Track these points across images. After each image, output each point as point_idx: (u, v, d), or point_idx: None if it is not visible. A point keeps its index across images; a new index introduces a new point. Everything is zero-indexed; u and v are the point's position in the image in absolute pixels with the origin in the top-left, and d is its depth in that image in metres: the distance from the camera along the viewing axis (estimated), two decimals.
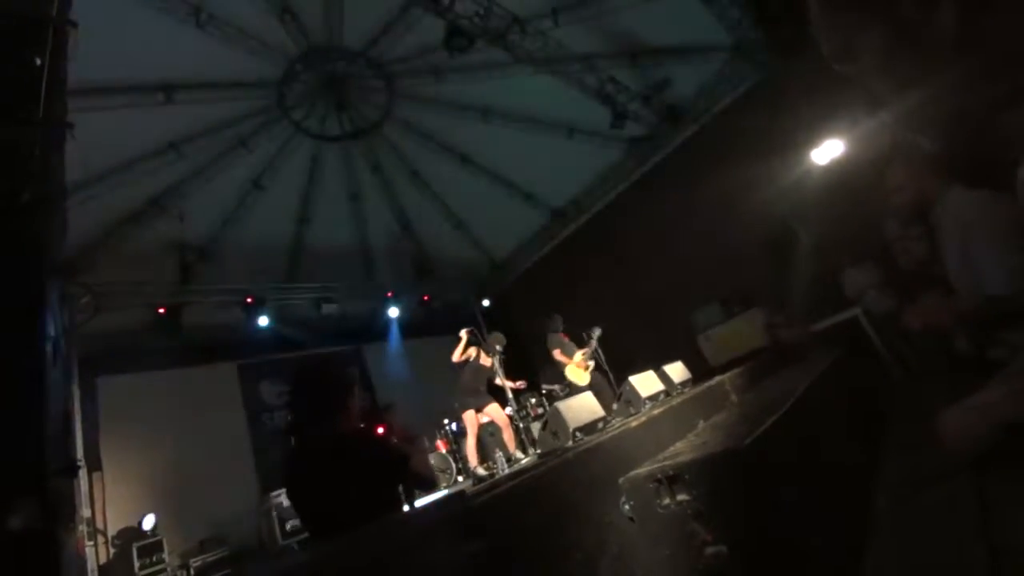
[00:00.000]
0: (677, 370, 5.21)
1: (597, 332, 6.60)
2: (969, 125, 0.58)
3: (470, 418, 5.66)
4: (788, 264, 6.81)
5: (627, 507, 1.92)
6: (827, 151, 6.26)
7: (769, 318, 6.62)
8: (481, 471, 5.52)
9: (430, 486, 2.26)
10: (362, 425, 2.31)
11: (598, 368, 6.63)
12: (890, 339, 5.64)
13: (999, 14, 0.52)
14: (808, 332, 6.11)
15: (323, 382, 2.14)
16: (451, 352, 5.93)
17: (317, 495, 1.92)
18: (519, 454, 5.71)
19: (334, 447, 2.00)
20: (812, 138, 6.25)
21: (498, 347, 5.93)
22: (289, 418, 2.15)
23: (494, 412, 5.77)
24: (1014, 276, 1.50)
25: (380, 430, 2.36)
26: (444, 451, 7.73)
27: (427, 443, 5.92)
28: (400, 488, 2.23)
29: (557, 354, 6.59)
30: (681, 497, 1.69)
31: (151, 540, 6.48)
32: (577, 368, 6.54)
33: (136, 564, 6.18)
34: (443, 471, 7.20)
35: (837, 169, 6.18)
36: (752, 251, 7.28)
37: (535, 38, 6.25)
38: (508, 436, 5.80)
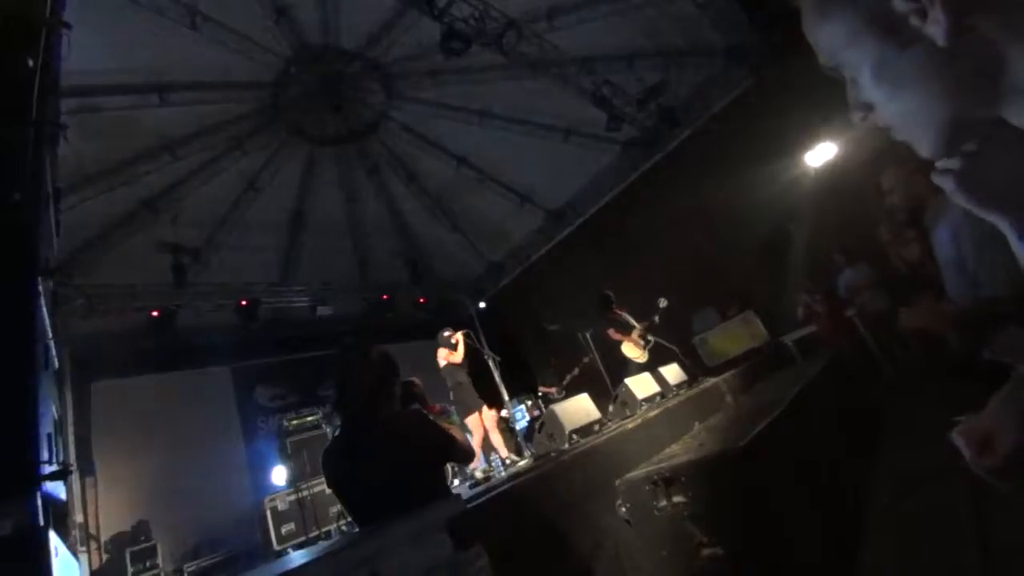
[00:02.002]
0: (673, 372, 5.22)
1: (663, 303, 6.25)
2: (959, 129, 0.58)
3: (475, 421, 5.61)
4: (783, 266, 6.85)
5: (623, 509, 1.92)
6: (821, 154, 6.30)
7: (807, 300, 6.52)
8: (479, 473, 5.49)
9: (471, 459, 2.23)
10: (415, 406, 2.29)
11: (659, 344, 6.30)
12: (884, 340, 5.68)
13: (992, 18, 0.52)
14: (846, 317, 6.09)
15: (369, 366, 2.10)
16: (448, 354, 5.85)
17: (370, 480, 1.88)
18: (513, 456, 5.67)
19: (385, 431, 1.97)
20: (806, 141, 6.30)
21: (445, 333, 5.84)
22: (333, 406, 2.11)
23: (484, 415, 5.73)
24: (1005, 278, 1.52)
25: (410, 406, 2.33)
26: None
27: (453, 414, 5.83)
28: (446, 465, 2.19)
29: (612, 333, 6.38)
30: (677, 499, 1.70)
31: (144, 545, 6.42)
32: (633, 344, 6.38)
33: (129, 570, 6.12)
34: None
35: (831, 172, 6.23)
36: (747, 254, 7.32)
37: (531, 41, 6.27)
38: (496, 439, 5.75)
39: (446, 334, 5.86)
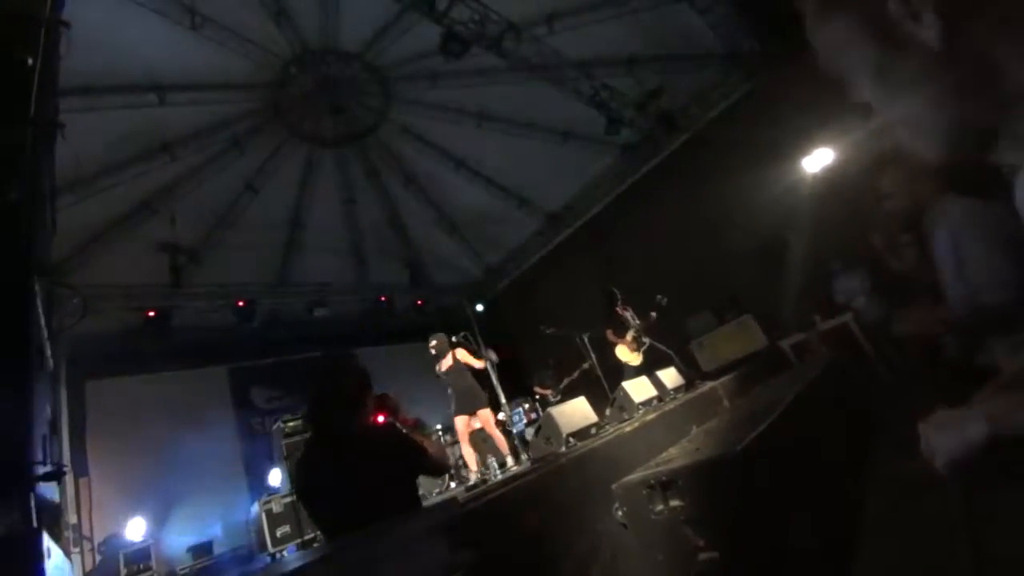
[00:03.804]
0: (670, 376, 5.21)
1: (663, 300, 6.04)
2: (960, 132, 0.58)
3: (462, 423, 5.62)
4: (780, 271, 6.85)
5: (620, 513, 1.91)
6: (818, 159, 6.33)
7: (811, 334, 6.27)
8: (473, 477, 5.47)
9: (445, 471, 2.23)
10: (380, 419, 2.29)
11: (655, 347, 6.16)
12: (880, 345, 5.69)
13: (986, 21, 0.52)
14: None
15: (340, 380, 2.11)
16: (442, 359, 5.82)
17: (339, 493, 1.87)
18: (510, 460, 5.66)
19: (356, 444, 1.96)
20: (803, 146, 6.32)
21: (434, 342, 5.80)
22: (306, 418, 2.13)
23: (485, 417, 5.72)
24: (1004, 284, 1.52)
25: (380, 418, 2.33)
26: None
27: (428, 426, 5.79)
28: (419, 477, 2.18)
29: (610, 334, 6.30)
30: (674, 503, 1.69)
31: (138, 547, 6.38)
32: (626, 348, 6.32)
33: (123, 571, 6.07)
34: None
35: (828, 177, 6.25)
36: (744, 258, 7.33)
37: (530, 44, 6.28)
38: (499, 441, 5.75)
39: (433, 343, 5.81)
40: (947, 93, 0.56)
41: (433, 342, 5.80)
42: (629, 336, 6.27)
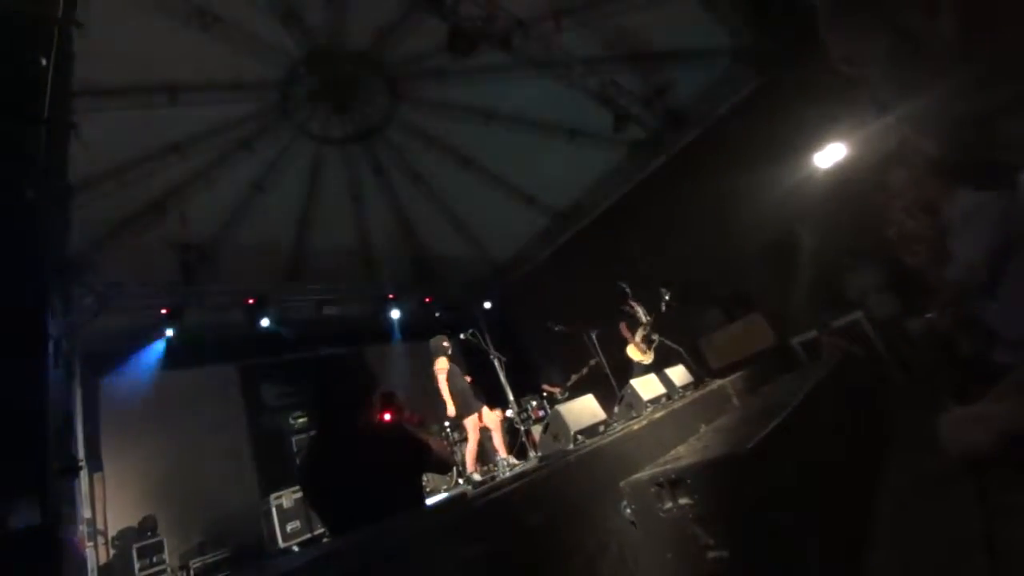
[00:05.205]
0: (679, 373, 5.20)
1: (667, 294, 5.99)
2: (972, 129, 0.58)
3: (472, 423, 5.63)
4: (790, 268, 6.80)
5: (628, 511, 1.91)
6: (830, 155, 6.26)
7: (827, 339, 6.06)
8: (477, 476, 5.47)
9: (449, 468, 2.25)
10: (386, 416, 2.31)
11: (664, 344, 6.09)
12: (892, 342, 5.63)
13: (1000, 23, 0.52)
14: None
15: (345, 378, 2.13)
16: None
17: (344, 490, 1.89)
18: (512, 459, 5.63)
19: (361, 441, 1.98)
20: (815, 142, 6.25)
21: (445, 343, 5.80)
22: (310, 417, 2.15)
23: (487, 416, 5.74)
24: (1016, 278, 1.50)
25: (387, 416, 2.36)
26: None
27: (433, 425, 5.75)
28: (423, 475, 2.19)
29: (623, 328, 6.24)
30: (683, 501, 1.69)
31: (151, 541, 6.48)
32: (636, 348, 6.24)
33: (136, 565, 6.18)
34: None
35: (840, 173, 6.18)
36: (754, 255, 7.28)
37: (538, 41, 6.26)
38: (499, 440, 5.75)
39: (445, 344, 5.84)
40: (961, 89, 0.55)
41: (445, 342, 5.82)
42: (639, 335, 6.25)
